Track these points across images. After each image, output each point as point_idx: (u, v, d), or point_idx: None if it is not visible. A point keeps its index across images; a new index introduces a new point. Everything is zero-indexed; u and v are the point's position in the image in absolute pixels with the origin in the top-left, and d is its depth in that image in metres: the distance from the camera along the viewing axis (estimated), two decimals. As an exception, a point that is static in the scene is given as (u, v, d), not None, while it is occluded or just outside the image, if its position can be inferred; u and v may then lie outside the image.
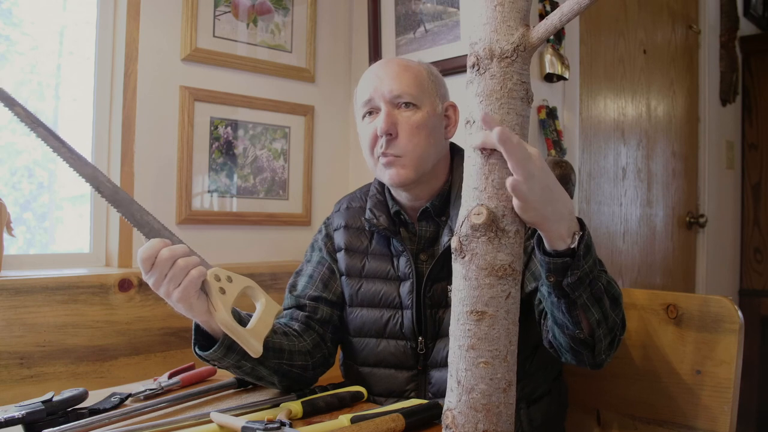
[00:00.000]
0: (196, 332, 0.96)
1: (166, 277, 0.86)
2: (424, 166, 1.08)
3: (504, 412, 0.73)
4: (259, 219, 1.92)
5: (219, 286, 0.90)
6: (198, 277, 0.88)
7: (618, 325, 0.91)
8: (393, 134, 1.06)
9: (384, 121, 1.06)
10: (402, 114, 1.07)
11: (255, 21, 1.90)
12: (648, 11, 2.37)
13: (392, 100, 1.07)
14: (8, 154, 1.62)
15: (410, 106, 1.07)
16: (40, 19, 1.65)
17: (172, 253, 0.87)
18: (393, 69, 1.09)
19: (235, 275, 0.93)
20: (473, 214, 0.73)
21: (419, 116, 1.07)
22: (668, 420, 1.14)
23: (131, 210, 0.91)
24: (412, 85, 1.08)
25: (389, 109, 1.07)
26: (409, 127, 1.06)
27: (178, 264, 0.86)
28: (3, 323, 1.33)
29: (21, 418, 0.86)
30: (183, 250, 0.88)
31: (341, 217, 1.21)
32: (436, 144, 1.09)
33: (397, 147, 1.06)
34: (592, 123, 2.08)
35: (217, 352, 0.93)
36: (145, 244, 0.87)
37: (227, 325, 0.88)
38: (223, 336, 0.92)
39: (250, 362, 0.97)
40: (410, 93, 1.07)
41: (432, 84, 1.11)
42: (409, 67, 1.10)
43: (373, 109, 1.09)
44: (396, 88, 1.07)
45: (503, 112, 0.71)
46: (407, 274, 1.11)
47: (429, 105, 1.09)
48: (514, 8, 0.71)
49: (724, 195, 2.81)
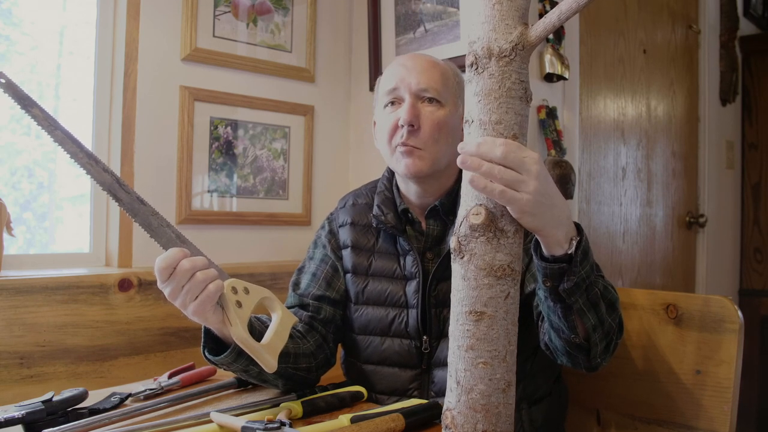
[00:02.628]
0: (205, 335, 0.96)
1: (183, 289, 0.86)
2: (440, 163, 1.08)
3: (503, 412, 0.73)
4: (259, 219, 1.92)
5: (236, 299, 0.89)
6: (215, 292, 0.87)
7: (614, 330, 0.91)
8: (415, 126, 1.06)
9: (408, 111, 1.06)
10: (425, 108, 1.07)
11: (255, 21, 1.90)
12: (648, 11, 2.37)
13: (418, 93, 1.08)
14: (8, 154, 1.62)
15: (434, 101, 1.08)
16: (40, 19, 1.65)
17: (193, 265, 0.86)
18: (421, 63, 1.10)
19: (251, 286, 0.92)
20: (472, 214, 0.73)
21: (442, 113, 1.07)
22: (668, 420, 1.14)
23: (149, 220, 0.89)
24: (438, 81, 1.08)
25: (413, 101, 1.07)
26: (432, 121, 1.07)
27: (197, 277, 0.86)
28: (3, 323, 1.33)
29: (21, 418, 0.86)
30: (203, 262, 0.87)
31: (347, 213, 1.21)
32: (453, 144, 1.09)
33: (417, 139, 1.07)
34: (592, 123, 2.08)
35: (227, 357, 0.94)
36: (165, 253, 0.86)
37: (243, 341, 0.87)
38: (233, 344, 0.92)
39: (258, 367, 0.98)
40: (436, 89, 1.08)
41: (456, 85, 1.12)
42: (437, 64, 1.11)
43: (396, 99, 1.10)
44: (423, 82, 1.07)
45: (502, 112, 0.71)
46: (413, 273, 1.11)
47: (452, 104, 1.09)
48: (513, 7, 0.71)
49: (724, 195, 2.81)
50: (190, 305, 0.86)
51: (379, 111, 1.14)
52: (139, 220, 0.89)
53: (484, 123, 0.72)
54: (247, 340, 0.88)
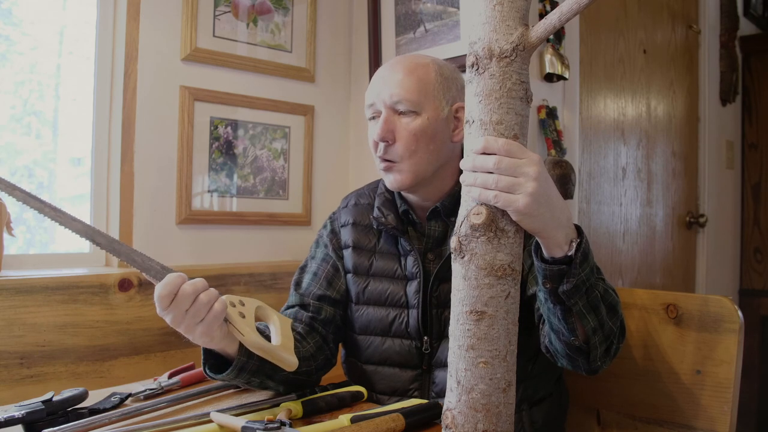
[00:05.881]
0: (206, 353, 0.97)
1: (187, 313, 0.85)
2: (423, 172, 1.07)
3: (504, 412, 0.73)
4: (259, 219, 1.92)
5: (238, 312, 0.89)
6: (221, 311, 0.87)
7: (615, 333, 0.91)
8: (390, 141, 1.06)
9: (380, 128, 1.06)
10: (401, 120, 1.06)
11: (255, 21, 1.90)
12: (648, 11, 2.37)
13: (392, 106, 1.07)
14: (8, 154, 1.62)
15: (409, 113, 1.06)
16: (40, 19, 1.65)
17: (194, 288, 0.85)
18: (398, 73, 1.07)
19: (244, 298, 0.93)
20: (473, 214, 0.73)
21: (418, 123, 1.05)
22: (668, 420, 1.14)
23: (132, 256, 0.89)
24: (413, 90, 1.05)
25: (388, 115, 1.06)
26: (407, 133, 1.05)
27: (201, 299, 0.85)
28: (3, 323, 1.33)
29: (21, 418, 0.87)
30: (203, 283, 0.87)
31: (348, 213, 1.21)
32: (438, 149, 1.07)
33: (393, 153, 1.06)
34: (592, 123, 2.08)
35: (230, 374, 0.95)
36: (164, 281, 0.85)
37: (260, 346, 0.88)
38: (236, 360, 0.93)
39: (259, 378, 0.98)
40: (410, 99, 1.05)
41: (440, 87, 1.07)
42: (415, 70, 1.07)
43: (376, 114, 1.09)
44: (396, 94, 1.05)
45: (503, 112, 0.71)
46: (414, 274, 1.11)
47: (431, 110, 1.06)
48: (514, 8, 0.71)
49: (724, 195, 2.81)
50: (197, 327, 0.86)
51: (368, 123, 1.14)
52: (123, 258, 0.89)
53: (485, 123, 0.72)
54: (263, 345, 0.89)
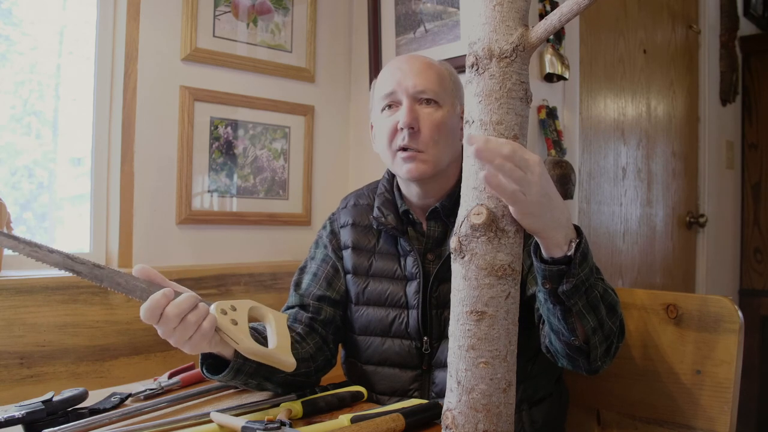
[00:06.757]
0: (202, 354, 0.96)
1: (175, 331, 0.83)
2: (442, 164, 1.08)
3: (504, 412, 0.73)
4: (259, 219, 1.92)
5: (230, 319, 0.88)
6: (210, 329, 0.85)
7: (615, 333, 0.91)
8: (415, 128, 1.06)
9: (407, 114, 1.06)
10: (423, 110, 1.07)
11: (255, 21, 1.90)
12: (648, 11, 2.37)
13: (415, 95, 1.07)
14: (8, 154, 1.62)
15: (432, 103, 1.07)
16: (40, 19, 1.65)
17: (179, 311, 0.82)
18: (417, 64, 1.09)
19: (235, 302, 0.92)
20: (473, 214, 0.73)
21: (440, 114, 1.07)
22: (668, 420, 1.14)
23: (116, 279, 0.86)
24: (435, 82, 1.08)
25: (411, 104, 1.07)
26: (431, 123, 1.06)
27: (188, 320, 0.83)
28: (3, 323, 1.33)
29: (21, 418, 0.87)
30: (188, 302, 0.83)
31: (348, 214, 1.21)
32: (452, 144, 1.09)
33: (419, 142, 1.06)
34: (592, 123, 2.08)
35: (226, 375, 0.94)
36: (146, 304, 0.82)
37: (255, 352, 0.88)
38: (232, 362, 0.93)
39: (256, 380, 0.98)
40: (433, 90, 1.07)
41: (452, 85, 1.11)
42: (432, 65, 1.11)
43: (394, 103, 1.09)
44: (420, 84, 1.07)
45: (502, 112, 0.71)
46: (414, 274, 1.11)
47: (449, 104, 1.09)
48: (513, 8, 0.71)
49: (724, 195, 2.81)
50: (186, 344, 0.85)
51: (376, 114, 1.14)
52: (106, 284, 0.86)
53: (484, 123, 0.72)
54: (259, 351, 0.88)
